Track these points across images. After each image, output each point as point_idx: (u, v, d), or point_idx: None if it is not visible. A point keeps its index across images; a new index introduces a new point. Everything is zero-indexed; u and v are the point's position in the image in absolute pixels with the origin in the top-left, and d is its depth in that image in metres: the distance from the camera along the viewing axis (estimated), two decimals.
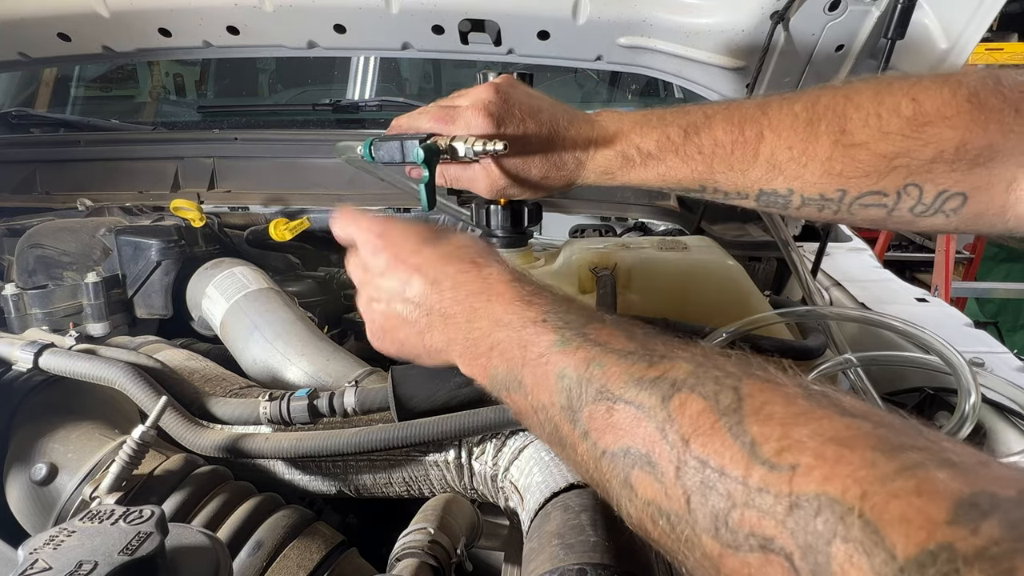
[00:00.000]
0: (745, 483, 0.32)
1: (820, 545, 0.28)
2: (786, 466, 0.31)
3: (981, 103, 0.59)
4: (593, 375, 0.42)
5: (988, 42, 4.12)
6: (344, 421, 0.75)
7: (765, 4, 1.18)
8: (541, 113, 0.72)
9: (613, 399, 0.41)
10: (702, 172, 0.71)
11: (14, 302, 1.07)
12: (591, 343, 0.44)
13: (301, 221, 1.39)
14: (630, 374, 0.41)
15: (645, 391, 0.39)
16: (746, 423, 0.34)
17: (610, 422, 0.41)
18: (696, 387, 0.37)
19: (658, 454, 0.37)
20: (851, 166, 0.64)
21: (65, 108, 2.18)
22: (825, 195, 0.67)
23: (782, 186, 0.69)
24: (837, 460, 0.30)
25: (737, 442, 0.33)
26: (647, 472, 0.38)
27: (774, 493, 0.31)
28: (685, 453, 0.35)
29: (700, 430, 0.35)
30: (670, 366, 0.40)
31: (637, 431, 0.39)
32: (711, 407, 0.36)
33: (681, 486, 0.35)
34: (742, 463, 0.33)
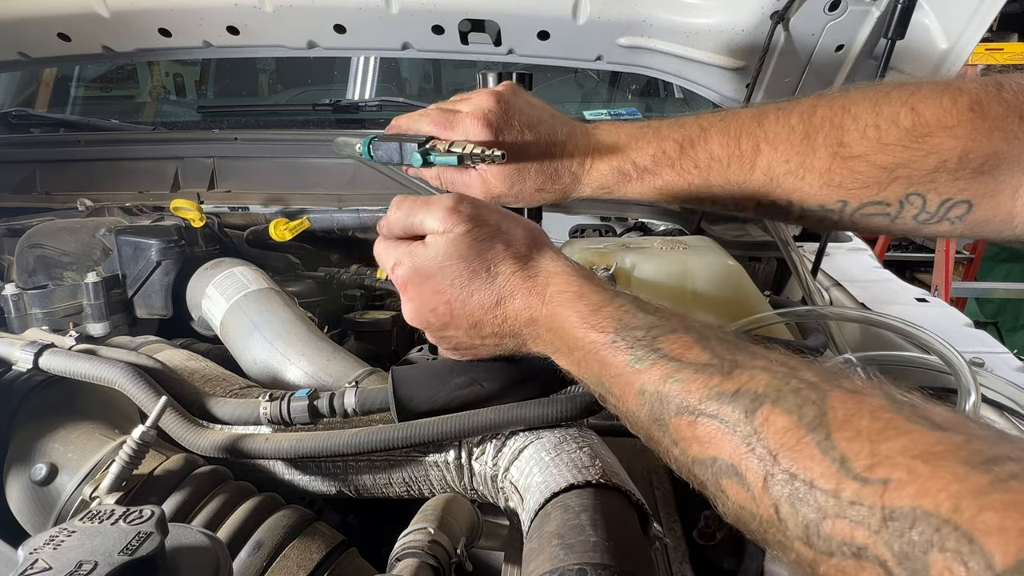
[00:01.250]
0: (837, 496, 0.33)
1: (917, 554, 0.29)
2: (878, 480, 0.32)
3: (983, 111, 0.58)
4: (671, 391, 0.43)
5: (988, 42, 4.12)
6: (344, 422, 0.75)
7: (765, 4, 1.18)
8: (540, 125, 0.72)
9: (695, 413, 0.42)
10: (699, 186, 0.71)
11: (14, 302, 1.07)
12: (665, 359, 0.45)
13: (301, 221, 1.39)
14: (708, 387, 0.42)
15: (727, 405, 0.40)
16: (834, 438, 0.35)
17: (695, 435, 0.42)
18: (778, 401, 0.38)
19: (745, 466, 0.38)
20: (851, 178, 0.64)
21: (65, 108, 2.18)
22: (825, 206, 0.67)
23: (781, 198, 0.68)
24: (930, 475, 0.31)
25: (826, 456, 0.34)
26: (735, 481, 0.39)
27: (867, 505, 0.32)
28: (773, 466, 0.36)
29: (787, 444, 0.36)
30: (748, 378, 0.41)
31: (723, 444, 0.40)
32: (796, 422, 0.37)
33: (769, 496, 0.36)
34: (833, 477, 0.34)
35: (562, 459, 0.63)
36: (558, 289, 0.53)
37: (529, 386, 0.70)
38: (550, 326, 0.53)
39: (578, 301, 0.52)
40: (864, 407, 0.36)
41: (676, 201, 0.74)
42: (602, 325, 0.49)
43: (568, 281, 0.53)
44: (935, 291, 3.86)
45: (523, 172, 0.73)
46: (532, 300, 0.54)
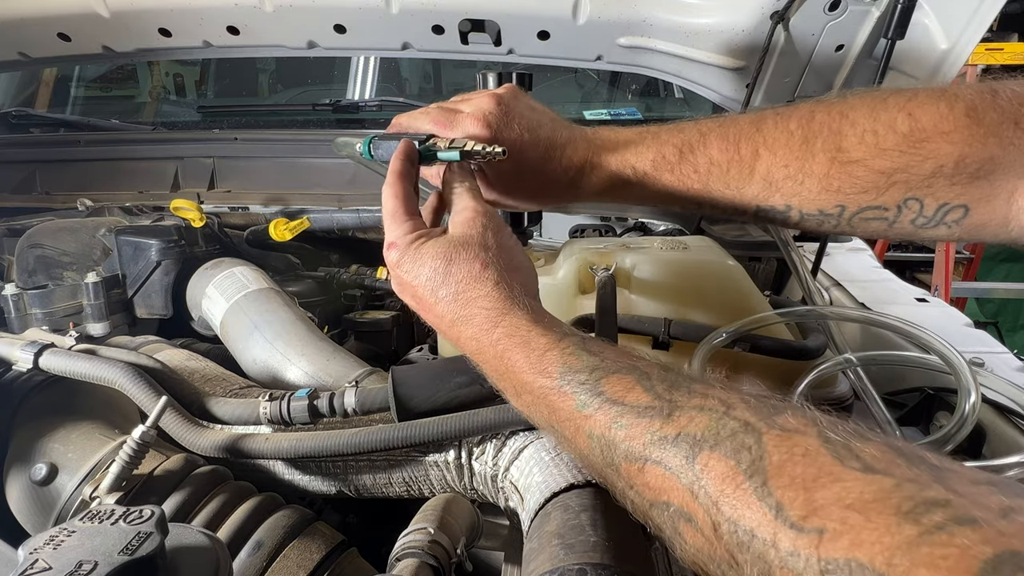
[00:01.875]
0: (776, 546, 0.34)
1: None
2: (813, 530, 0.33)
3: (979, 117, 0.59)
4: (616, 437, 0.44)
5: (988, 42, 4.12)
6: (344, 421, 0.76)
7: (765, 4, 1.18)
8: (540, 128, 0.72)
9: (641, 459, 0.43)
10: (698, 191, 0.71)
11: (14, 302, 1.07)
12: (608, 403, 0.46)
13: (301, 221, 1.39)
14: (651, 432, 0.42)
15: (668, 450, 0.41)
16: (770, 485, 0.35)
17: (644, 480, 0.43)
18: (716, 446, 0.39)
19: (695, 512, 0.39)
20: (849, 183, 0.64)
21: (65, 108, 2.17)
22: (824, 211, 0.67)
23: (780, 203, 0.69)
24: (862, 526, 0.31)
25: (763, 504, 0.35)
26: (691, 526, 0.40)
27: (804, 557, 0.32)
28: (718, 515, 0.37)
29: (726, 492, 0.37)
30: (687, 420, 0.41)
31: (672, 490, 0.41)
32: (734, 467, 0.37)
33: (722, 543, 0.37)
34: (770, 526, 0.34)
35: (562, 459, 0.63)
36: (506, 332, 0.54)
37: None
38: (496, 366, 0.55)
39: (525, 347, 0.52)
40: (798, 450, 0.36)
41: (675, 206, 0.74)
42: (548, 370, 0.50)
43: (517, 325, 0.54)
44: (935, 291, 3.86)
45: (521, 175, 0.73)
46: (482, 335, 0.55)
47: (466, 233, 0.59)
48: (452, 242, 0.58)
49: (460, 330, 0.57)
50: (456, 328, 0.57)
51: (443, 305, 0.57)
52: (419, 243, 0.59)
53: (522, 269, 0.60)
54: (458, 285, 0.57)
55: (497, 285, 0.56)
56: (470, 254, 0.57)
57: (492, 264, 0.57)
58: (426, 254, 0.58)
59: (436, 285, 0.57)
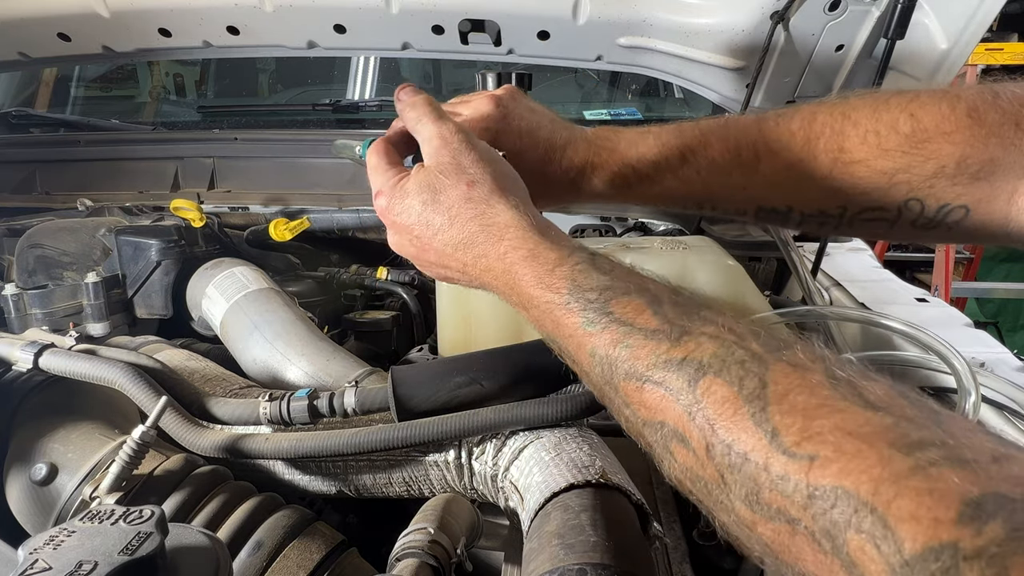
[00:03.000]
0: (767, 469, 0.34)
1: (836, 532, 0.31)
2: (805, 456, 0.33)
3: (980, 118, 0.59)
4: (620, 356, 0.44)
5: (988, 42, 4.12)
6: (344, 421, 0.76)
7: (765, 4, 1.18)
8: (539, 130, 0.72)
9: (642, 379, 0.43)
10: (699, 192, 0.71)
11: (14, 302, 1.07)
12: (616, 323, 0.45)
13: (301, 221, 1.39)
14: (656, 355, 0.42)
15: (672, 372, 0.41)
16: (769, 411, 0.36)
17: (642, 399, 0.43)
18: (721, 371, 0.39)
19: (689, 433, 0.39)
20: (850, 183, 0.64)
21: (65, 108, 2.17)
22: (825, 211, 0.67)
23: (781, 203, 0.69)
24: (854, 455, 0.32)
25: (760, 429, 0.35)
26: (682, 445, 0.40)
27: (794, 481, 0.33)
28: (712, 436, 0.38)
29: (724, 415, 0.37)
30: (695, 346, 0.41)
31: (668, 410, 0.41)
32: (735, 393, 0.37)
33: (713, 463, 0.38)
34: (763, 450, 0.35)
35: (562, 459, 0.63)
36: (512, 246, 0.53)
37: (529, 385, 0.70)
38: (505, 281, 0.53)
39: (532, 260, 0.51)
40: (803, 382, 0.37)
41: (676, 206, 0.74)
42: (556, 285, 0.49)
43: (522, 238, 0.53)
44: (935, 291, 3.86)
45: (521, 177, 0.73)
46: (488, 250, 0.54)
47: (440, 161, 0.57)
48: (430, 171, 0.57)
49: (465, 254, 0.55)
50: (460, 253, 0.56)
51: (442, 234, 0.56)
52: (402, 183, 0.59)
53: (509, 177, 0.59)
54: (451, 210, 0.55)
55: (491, 199, 0.55)
56: (452, 179, 0.56)
57: (479, 181, 0.56)
58: (411, 190, 0.58)
59: (429, 216, 0.56)
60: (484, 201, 0.55)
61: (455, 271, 0.58)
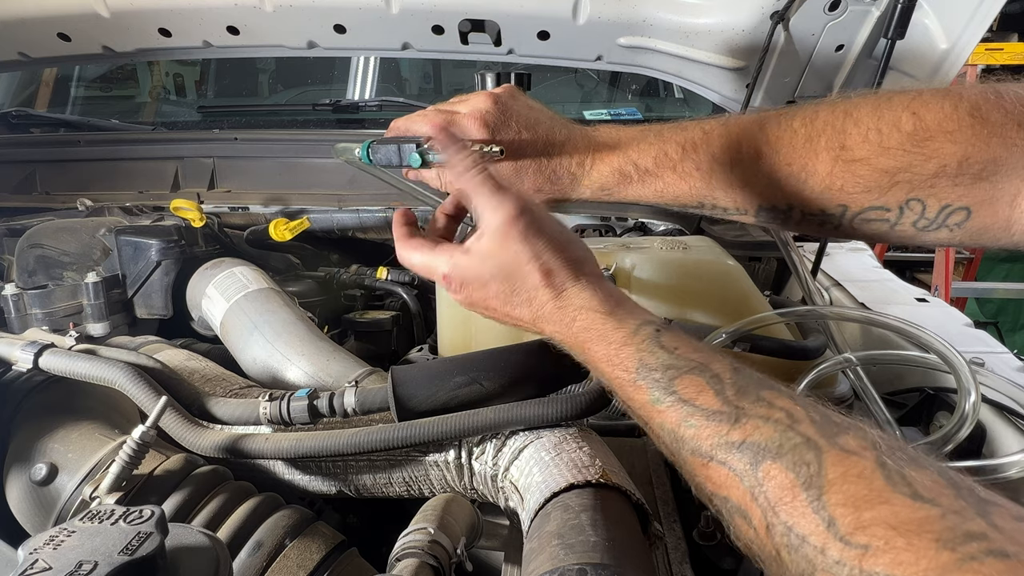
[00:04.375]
0: (824, 553, 0.37)
1: None
2: (859, 545, 0.36)
3: (983, 117, 0.59)
4: (686, 434, 0.48)
5: (988, 42, 4.12)
6: (344, 421, 0.76)
7: (765, 4, 1.18)
8: (538, 126, 0.72)
9: (707, 457, 0.46)
10: (700, 189, 0.71)
11: (14, 302, 1.07)
12: (680, 402, 0.49)
13: (301, 221, 1.39)
14: (718, 435, 0.46)
15: (734, 455, 0.44)
16: (825, 499, 0.39)
17: (708, 475, 0.46)
18: (779, 457, 0.42)
19: (751, 512, 0.43)
20: (852, 181, 0.64)
21: (65, 108, 2.17)
22: (826, 211, 0.67)
23: (782, 202, 0.69)
24: (904, 547, 0.34)
25: (817, 516, 0.38)
26: (744, 521, 0.44)
27: (848, 567, 0.36)
28: (773, 518, 0.41)
29: (785, 500, 0.40)
30: (753, 428, 0.44)
31: (732, 489, 0.44)
32: (794, 480, 0.41)
33: (772, 542, 0.41)
34: (821, 536, 0.38)
35: (562, 459, 0.63)
36: (583, 327, 0.57)
37: (529, 385, 0.70)
38: (579, 353, 0.58)
39: (601, 341, 0.55)
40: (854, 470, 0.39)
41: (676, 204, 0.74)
42: (624, 364, 0.53)
43: (592, 319, 0.56)
44: (935, 291, 3.86)
45: (521, 173, 0.73)
46: (562, 330, 0.58)
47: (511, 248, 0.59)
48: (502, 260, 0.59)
49: (542, 327, 0.60)
50: (538, 325, 0.60)
51: (520, 310, 0.60)
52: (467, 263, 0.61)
53: (578, 251, 0.61)
54: (528, 294, 0.59)
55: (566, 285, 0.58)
56: (527, 267, 0.59)
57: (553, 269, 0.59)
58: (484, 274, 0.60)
59: (507, 297, 0.60)
60: (559, 287, 0.59)
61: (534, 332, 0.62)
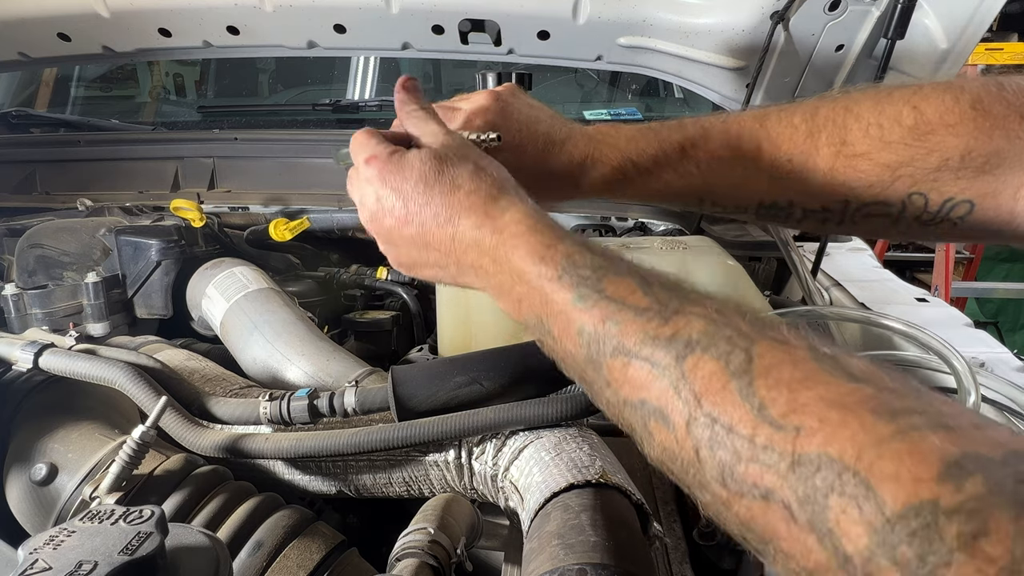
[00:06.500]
0: (752, 440, 0.35)
1: (818, 497, 0.32)
2: (791, 427, 0.34)
3: (985, 110, 0.59)
4: (609, 332, 0.44)
5: (988, 42, 4.12)
6: (344, 421, 0.76)
7: (765, 4, 1.18)
8: (538, 124, 0.72)
9: (629, 355, 0.43)
10: (699, 187, 0.71)
11: (14, 302, 1.07)
12: (607, 300, 0.46)
13: (301, 221, 1.39)
14: (645, 332, 0.43)
15: (660, 349, 0.41)
16: (755, 385, 0.36)
17: (627, 376, 0.43)
18: (709, 348, 0.40)
19: (670, 409, 0.40)
20: (853, 176, 0.64)
21: (65, 108, 2.17)
22: (827, 207, 0.67)
23: (782, 199, 0.68)
24: (839, 424, 0.33)
25: (746, 403, 0.36)
26: (661, 423, 0.41)
27: (778, 451, 0.34)
28: (696, 410, 0.38)
29: (711, 389, 0.38)
30: (684, 323, 0.42)
31: (651, 386, 0.41)
32: (722, 368, 0.38)
33: (691, 439, 0.38)
34: (750, 423, 0.35)
35: (562, 459, 0.63)
36: (514, 219, 0.53)
37: (529, 385, 0.70)
38: (496, 256, 0.53)
39: (531, 234, 0.51)
40: (788, 357, 0.37)
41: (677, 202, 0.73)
42: (552, 259, 0.50)
43: (526, 213, 0.53)
44: (935, 291, 3.86)
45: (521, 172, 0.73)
46: (485, 221, 0.53)
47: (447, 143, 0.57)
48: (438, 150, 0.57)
49: (455, 226, 0.54)
50: (450, 226, 0.55)
51: (437, 202, 0.55)
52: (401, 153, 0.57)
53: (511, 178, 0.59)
54: (455, 180, 0.55)
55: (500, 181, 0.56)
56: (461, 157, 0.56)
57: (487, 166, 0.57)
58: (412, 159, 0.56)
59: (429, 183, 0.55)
60: (492, 178, 0.56)
61: (432, 250, 0.56)
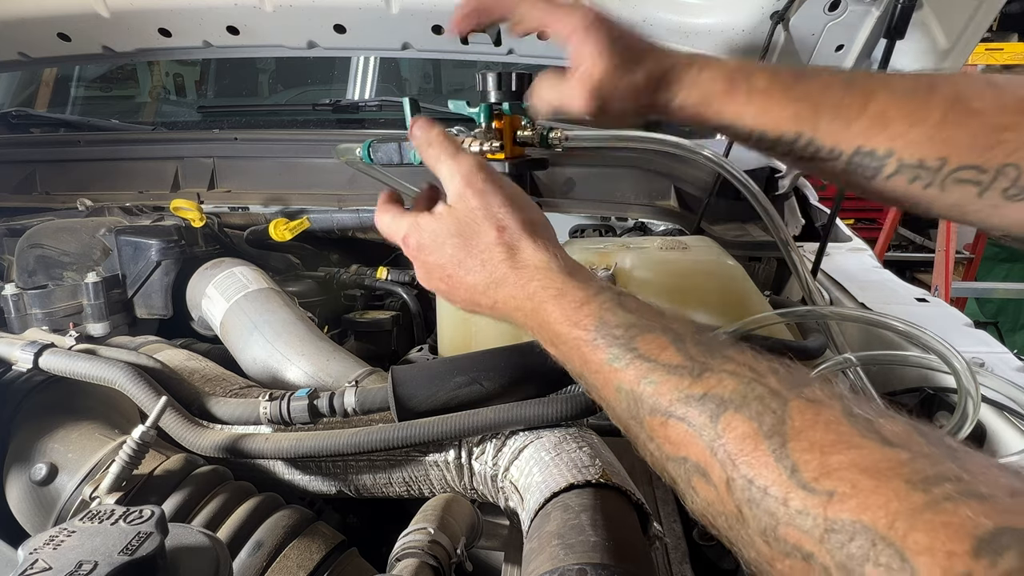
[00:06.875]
0: (786, 504, 0.35)
1: (854, 566, 0.31)
2: (824, 492, 0.34)
3: None
4: (645, 391, 0.46)
5: (988, 42, 4.12)
6: (344, 421, 0.76)
7: (765, 4, 1.18)
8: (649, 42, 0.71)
9: (666, 414, 0.44)
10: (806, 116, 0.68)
11: (14, 302, 1.07)
12: (640, 359, 0.47)
13: (301, 221, 1.39)
14: (679, 390, 0.44)
15: (694, 408, 0.42)
16: (788, 447, 0.37)
17: (666, 435, 0.44)
18: (741, 408, 0.40)
19: (710, 468, 0.40)
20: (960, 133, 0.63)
21: (65, 108, 2.17)
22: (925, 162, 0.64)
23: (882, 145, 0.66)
24: (872, 491, 0.32)
25: (779, 465, 0.36)
26: (703, 480, 0.41)
27: (812, 516, 0.34)
28: (733, 471, 0.39)
29: (745, 451, 0.38)
30: (716, 382, 0.42)
31: (691, 446, 0.42)
32: (755, 429, 0.39)
33: (733, 498, 0.39)
34: (783, 485, 0.36)
35: (562, 459, 0.63)
36: (541, 285, 0.55)
37: (529, 386, 0.70)
38: (535, 318, 0.55)
39: (560, 299, 0.53)
40: (820, 418, 0.37)
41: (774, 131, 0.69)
42: (584, 323, 0.51)
43: (551, 278, 0.55)
44: (935, 291, 3.86)
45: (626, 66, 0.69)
46: (518, 292, 0.56)
47: (469, 205, 0.59)
48: (458, 218, 0.59)
49: (496, 293, 0.58)
50: (491, 292, 0.58)
51: (473, 275, 0.58)
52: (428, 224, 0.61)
53: (533, 213, 0.60)
54: (483, 254, 0.58)
55: (521, 243, 0.57)
56: (483, 225, 0.58)
57: (508, 226, 0.58)
58: (442, 232, 0.60)
59: (461, 258, 0.59)
60: (513, 245, 0.57)
61: (485, 307, 0.60)
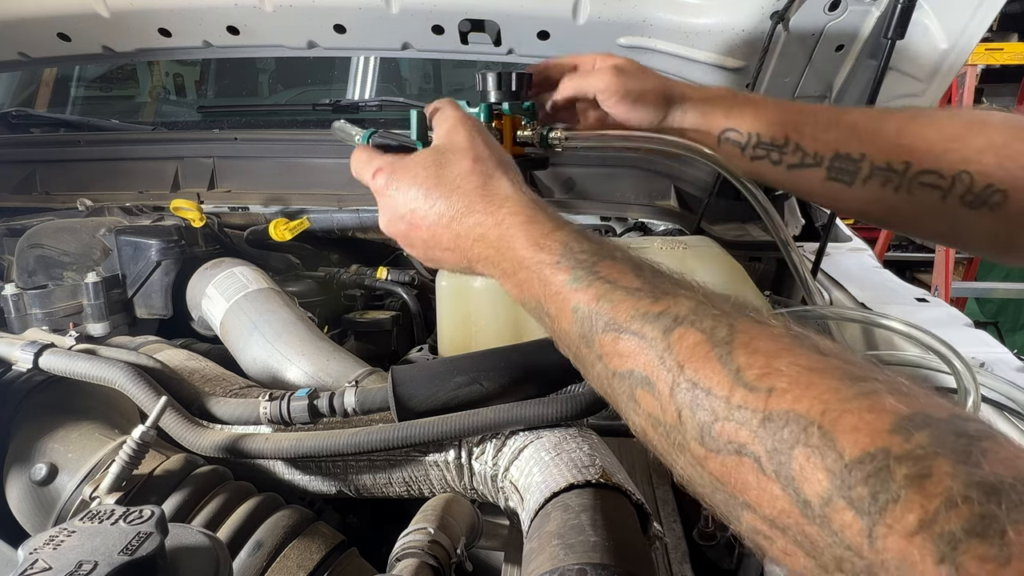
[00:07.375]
0: (728, 401, 0.39)
1: (784, 449, 0.35)
2: (764, 388, 0.38)
3: None
4: (602, 309, 0.48)
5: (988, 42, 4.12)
6: (344, 421, 0.76)
7: (765, 4, 1.18)
8: None
9: (619, 330, 0.47)
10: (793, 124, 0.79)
11: (14, 302, 1.07)
12: (601, 280, 0.49)
13: (301, 221, 1.39)
14: (636, 308, 0.46)
15: (649, 324, 0.45)
16: (735, 353, 0.40)
17: (617, 349, 0.47)
18: (695, 322, 0.43)
19: (656, 377, 0.44)
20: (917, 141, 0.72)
21: (65, 108, 2.17)
22: (892, 164, 0.73)
23: (856, 151, 0.75)
24: (807, 385, 0.36)
25: (725, 368, 0.40)
26: (647, 390, 0.44)
27: (751, 409, 0.37)
28: (679, 375, 0.42)
29: (694, 357, 0.42)
30: (673, 302, 0.46)
31: (640, 357, 0.45)
32: (706, 339, 0.42)
33: (674, 403, 0.42)
34: (727, 385, 0.39)
35: (562, 459, 0.63)
36: (511, 211, 0.57)
37: (529, 386, 0.70)
38: (499, 246, 0.57)
39: (529, 224, 0.55)
40: (767, 332, 0.42)
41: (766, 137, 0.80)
42: (550, 247, 0.53)
43: (522, 206, 0.57)
44: (935, 291, 3.85)
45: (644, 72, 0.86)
46: (486, 219, 0.58)
47: (451, 139, 0.62)
48: (438, 149, 0.62)
49: (460, 223, 0.59)
50: (456, 224, 0.59)
51: (440, 204, 0.59)
52: (405, 159, 0.63)
53: (511, 166, 0.62)
54: (453, 181, 0.60)
55: (495, 172, 0.60)
56: (459, 155, 0.61)
57: (484, 157, 0.60)
58: (415, 164, 0.62)
59: (429, 188, 0.60)
60: (488, 173, 0.60)
61: (444, 246, 0.61)
